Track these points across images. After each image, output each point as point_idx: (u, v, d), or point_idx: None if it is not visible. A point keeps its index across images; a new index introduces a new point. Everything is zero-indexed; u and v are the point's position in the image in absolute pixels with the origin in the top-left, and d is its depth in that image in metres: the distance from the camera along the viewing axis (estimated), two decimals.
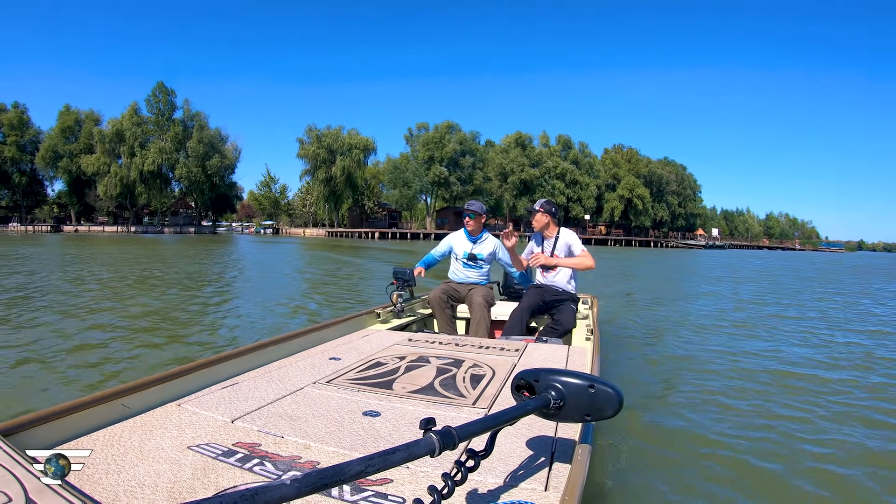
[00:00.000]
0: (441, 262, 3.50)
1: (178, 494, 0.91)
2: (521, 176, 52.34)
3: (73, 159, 45.77)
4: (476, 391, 1.60)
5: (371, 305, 3.27)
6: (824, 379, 3.41)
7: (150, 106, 47.25)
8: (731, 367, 3.72)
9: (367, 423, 1.30)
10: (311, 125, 51.35)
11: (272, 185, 58.95)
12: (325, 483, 0.62)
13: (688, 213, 69.41)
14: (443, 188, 49.98)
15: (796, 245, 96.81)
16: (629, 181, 59.17)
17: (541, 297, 3.11)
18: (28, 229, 44.98)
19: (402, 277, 3.19)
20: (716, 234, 77.25)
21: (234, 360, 1.74)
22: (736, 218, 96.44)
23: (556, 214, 3.14)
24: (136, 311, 5.36)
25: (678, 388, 3.10)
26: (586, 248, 3.06)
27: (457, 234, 3.45)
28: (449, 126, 51.14)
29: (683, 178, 68.89)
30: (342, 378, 1.70)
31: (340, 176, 49.04)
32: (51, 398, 2.60)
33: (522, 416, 0.97)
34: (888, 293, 10.93)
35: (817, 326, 5.71)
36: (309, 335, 2.24)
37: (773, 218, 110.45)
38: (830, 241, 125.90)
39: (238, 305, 6.13)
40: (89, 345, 3.77)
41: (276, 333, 2.77)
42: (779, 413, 2.69)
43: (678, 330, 5.18)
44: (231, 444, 1.14)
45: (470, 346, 2.30)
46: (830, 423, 2.57)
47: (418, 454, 0.75)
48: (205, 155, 46.61)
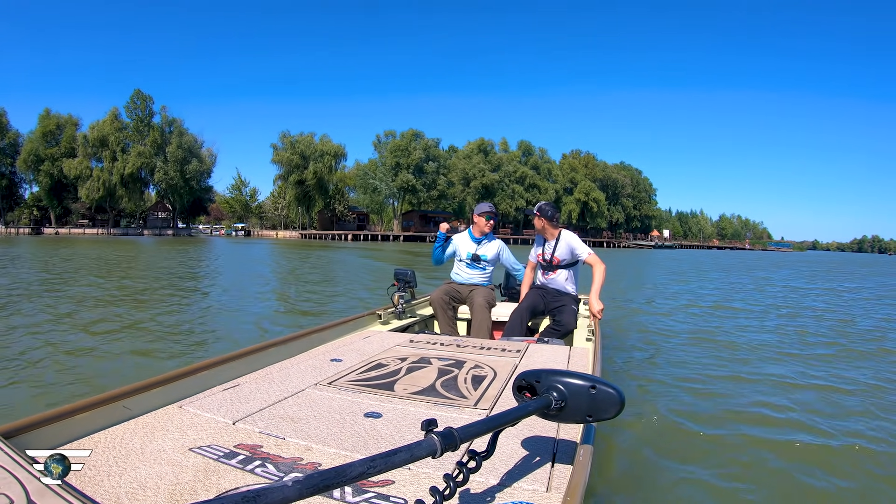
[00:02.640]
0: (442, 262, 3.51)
1: (180, 496, 0.91)
2: (483, 180, 55.39)
3: (54, 163, 46.33)
4: (477, 392, 1.60)
5: (376, 300, 3.30)
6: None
7: (130, 112, 48.28)
8: (726, 360, 3.75)
9: (368, 425, 1.30)
10: (284, 131, 53.13)
11: (243, 189, 60.17)
12: (326, 484, 0.62)
13: (643, 214, 74.06)
14: (409, 193, 52.44)
15: (746, 245, 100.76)
16: (585, 185, 63.34)
17: (541, 298, 3.10)
18: (10, 231, 45.30)
19: (403, 278, 3.19)
20: (667, 235, 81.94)
21: (236, 362, 1.74)
22: (690, 219, 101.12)
23: (553, 216, 3.08)
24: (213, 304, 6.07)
25: (679, 388, 3.09)
26: (576, 245, 3.01)
27: (461, 236, 3.45)
28: (414, 134, 53.45)
29: (638, 182, 74.04)
30: (343, 379, 1.70)
31: (312, 180, 50.82)
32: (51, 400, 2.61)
33: (524, 417, 0.97)
34: (763, 278, 14.79)
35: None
36: (310, 336, 2.24)
37: (726, 219, 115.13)
38: (779, 242, 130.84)
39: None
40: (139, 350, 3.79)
41: (279, 335, 2.78)
42: (778, 415, 2.69)
43: (674, 327, 5.19)
44: (232, 445, 1.14)
45: (471, 347, 2.29)
46: (833, 421, 2.56)
47: (420, 455, 0.75)
48: (183, 160, 47.86)
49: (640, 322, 5.67)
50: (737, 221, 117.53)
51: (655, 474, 1.96)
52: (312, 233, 50.84)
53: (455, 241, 3.44)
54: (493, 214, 3.30)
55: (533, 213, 3.11)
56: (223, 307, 5.99)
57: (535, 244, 3.29)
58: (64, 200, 48.78)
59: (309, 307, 6.22)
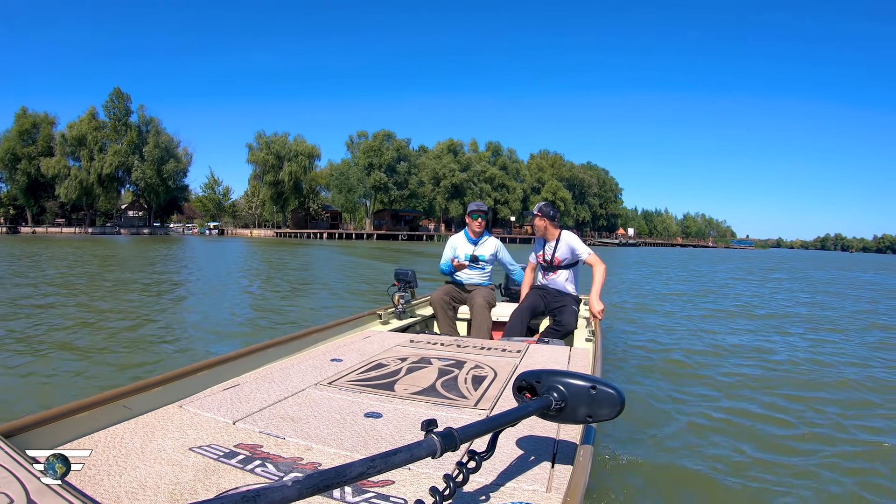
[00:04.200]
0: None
1: (180, 496, 0.91)
2: (453, 180, 56.42)
3: (31, 161, 46.18)
4: (478, 392, 1.60)
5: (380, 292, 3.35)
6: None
7: (108, 111, 48.23)
8: (724, 360, 3.78)
9: (368, 425, 1.30)
10: (260, 132, 53.56)
11: (216, 188, 60.39)
12: (326, 484, 0.62)
13: (609, 213, 76.41)
14: (382, 192, 53.44)
15: (710, 243, 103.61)
16: (552, 185, 64.66)
17: (542, 299, 3.10)
18: None
19: (403, 279, 3.19)
20: (631, 234, 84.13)
21: (236, 362, 1.74)
22: (655, 218, 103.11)
23: (555, 218, 3.09)
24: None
25: (679, 387, 3.09)
26: (576, 245, 3.00)
27: (458, 237, 3.45)
28: (386, 134, 54.42)
29: (605, 182, 76.05)
30: (344, 379, 1.70)
31: (289, 181, 51.35)
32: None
33: (524, 418, 0.97)
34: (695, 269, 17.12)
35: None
36: (310, 336, 2.24)
37: (691, 218, 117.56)
38: (742, 240, 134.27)
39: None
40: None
41: (280, 334, 2.78)
42: (778, 414, 2.69)
43: (669, 324, 5.19)
44: (233, 445, 1.14)
45: (471, 348, 2.29)
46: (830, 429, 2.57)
47: (420, 455, 0.75)
48: (160, 159, 47.96)
49: (634, 321, 5.67)
50: (701, 220, 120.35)
51: (655, 475, 1.96)
52: (287, 231, 51.20)
53: (453, 243, 3.44)
54: (480, 212, 3.30)
55: (533, 214, 3.10)
56: (258, 302, 6.43)
57: (534, 245, 3.29)
58: (40, 199, 48.62)
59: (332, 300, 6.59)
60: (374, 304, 3.64)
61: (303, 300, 6.80)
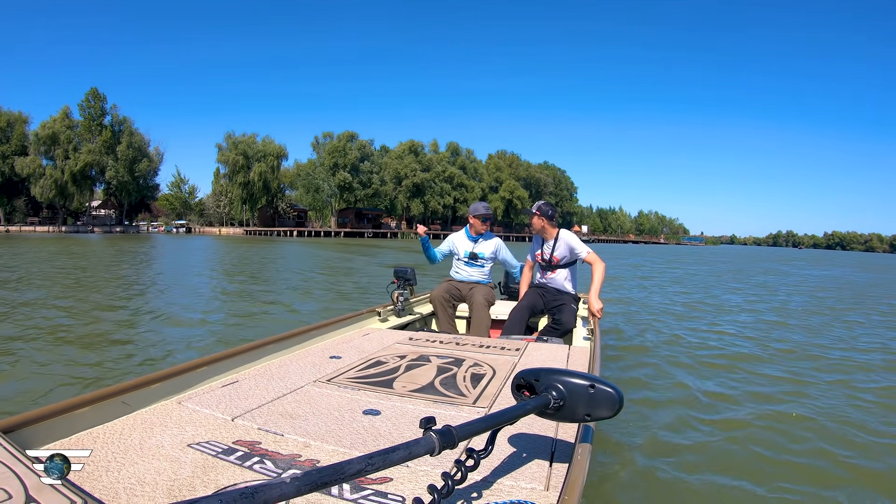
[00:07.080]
0: (442, 262, 3.50)
1: (178, 492, 0.91)
2: (414, 179, 58.05)
3: (4, 160, 46.12)
4: (476, 390, 1.60)
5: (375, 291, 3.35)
6: None
7: (83, 111, 48.23)
8: (722, 354, 3.84)
9: (367, 422, 1.30)
10: (229, 132, 53.97)
11: (182, 186, 60.71)
12: (324, 481, 0.62)
13: (564, 211, 79.12)
14: (347, 192, 54.87)
15: (661, 240, 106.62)
16: (510, 184, 66.07)
17: (541, 297, 3.10)
18: None
19: (403, 276, 3.18)
20: (584, 230, 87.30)
21: (235, 359, 1.74)
22: (609, 215, 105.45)
23: (553, 216, 3.08)
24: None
25: (678, 387, 3.10)
26: (575, 244, 3.00)
27: (458, 234, 3.45)
28: (350, 135, 55.87)
29: (561, 181, 79.30)
30: (342, 377, 1.70)
31: (259, 181, 52.07)
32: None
33: (522, 416, 0.97)
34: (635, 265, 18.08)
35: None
36: (309, 333, 2.24)
37: (644, 215, 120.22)
38: (693, 236, 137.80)
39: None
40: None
41: (278, 332, 2.78)
42: (778, 413, 2.69)
43: (667, 322, 5.21)
44: (231, 442, 1.14)
45: (470, 346, 2.30)
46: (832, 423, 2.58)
47: (418, 453, 0.75)
48: (133, 159, 48.35)
49: (632, 320, 5.69)
50: (654, 217, 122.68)
51: (653, 473, 1.97)
52: (256, 229, 51.60)
53: (453, 241, 3.44)
54: (487, 217, 3.31)
55: (531, 213, 3.10)
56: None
57: (533, 244, 3.29)
58: (13, 198, 48.54)
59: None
60: (370, 297, 3.65)
61: (303, 298, 6.79)
